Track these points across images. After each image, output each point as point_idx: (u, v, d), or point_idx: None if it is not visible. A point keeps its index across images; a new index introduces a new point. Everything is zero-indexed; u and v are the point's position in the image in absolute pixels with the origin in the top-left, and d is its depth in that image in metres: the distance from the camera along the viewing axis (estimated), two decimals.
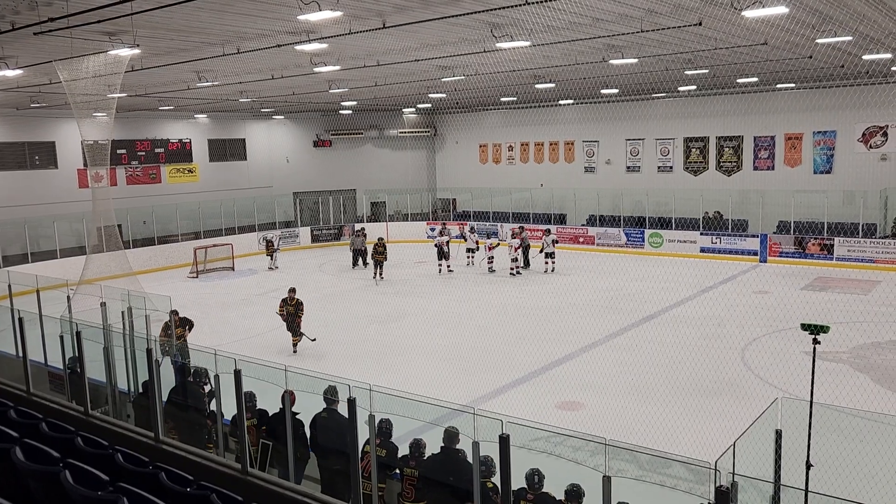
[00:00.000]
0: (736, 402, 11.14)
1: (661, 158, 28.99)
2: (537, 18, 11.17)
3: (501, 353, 14.40)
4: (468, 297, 20.00)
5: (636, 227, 27.23)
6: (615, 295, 19.77)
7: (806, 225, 24.07)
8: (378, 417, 6.71)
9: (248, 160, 33.18)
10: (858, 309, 17.35)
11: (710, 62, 17.91)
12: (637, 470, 6.09)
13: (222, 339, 15.05)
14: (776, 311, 16.75)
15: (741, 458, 5.66)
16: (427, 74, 18.85)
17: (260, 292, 21.93)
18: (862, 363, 13.11)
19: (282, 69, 17.07)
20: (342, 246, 31.26)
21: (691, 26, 12.08)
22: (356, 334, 16.49)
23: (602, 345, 14.96)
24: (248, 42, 13.04)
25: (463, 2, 10.25)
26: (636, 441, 8.21)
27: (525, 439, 6.61)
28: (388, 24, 11.44)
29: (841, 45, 15.05)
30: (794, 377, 11.12)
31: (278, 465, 7.21)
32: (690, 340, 14.88)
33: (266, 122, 33.73)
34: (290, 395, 7.24)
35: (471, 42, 13.80)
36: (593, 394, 12.03)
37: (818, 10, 11.21)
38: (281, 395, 7.08)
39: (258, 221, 30.46)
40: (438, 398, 7.88)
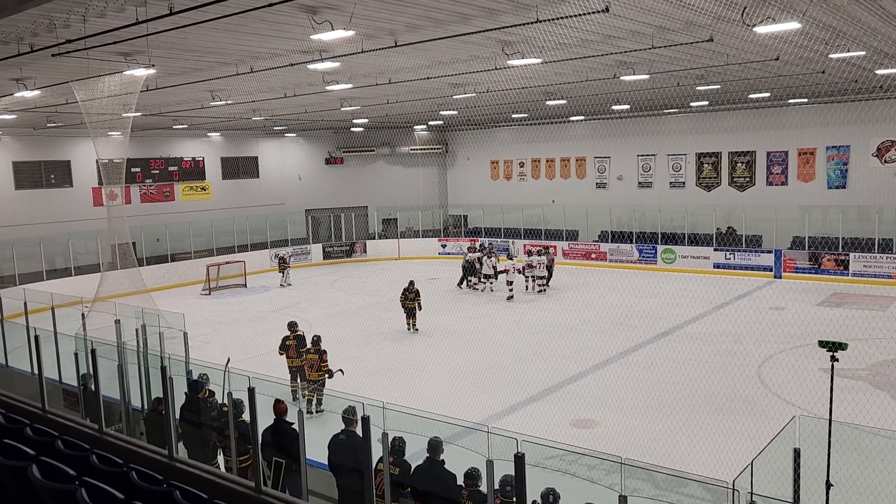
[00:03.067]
0: (753, 420, 11.01)
1: (674, 174, 28.91)
2: (548, 36, 11.21)
3: (515, 371, 14.33)
4: (481, 314, 19.96)
5: (648, 243, 27.11)
6: (628, 311, 19.65)
7: (821, 240, 23.88)
8: (391, 435, 6.69)
9: (261, 178, 33.40)
10: (876, 325, 17.14)
11: (722, 78, 17.89)
12: (653, 489, 6.03)
13: (235, 356, 15.03)
14: (792, 327, 16.59)
15: (759, 477, 5.58)
16: (438, 92, 18.94)
17: (272, 309, 21.97)
18: (881, 380, 12.94)
19: (294, 87, 17.22)
20: (354, 263, 31.34)
21: (703, 42, 12.08)
22: (369, 351, 16.47)
23: (616, 362, 14.85)
24: (262, 61, 13.17)
25: (474, 20, 10.31)
26: (651, 459, 8.17)
27: (539, 457, 6.55)
28: (400, 43, 11.52)
29: (854, 60, 15.00)
30: (812, 394, 11.01)
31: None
32: (706, 357, 14.75)
33: (278, 140, 33.97)
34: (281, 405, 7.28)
35: (482, 59, 13.87)
36: (608, 411, 11.93)
37: (830, 25, 11.19)
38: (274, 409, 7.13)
39: (270, 238, 30.59)
40: (452, 416, 7.85)
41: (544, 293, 22.63)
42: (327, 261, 31.49)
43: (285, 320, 20.18)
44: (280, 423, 7.63)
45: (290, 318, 20.49)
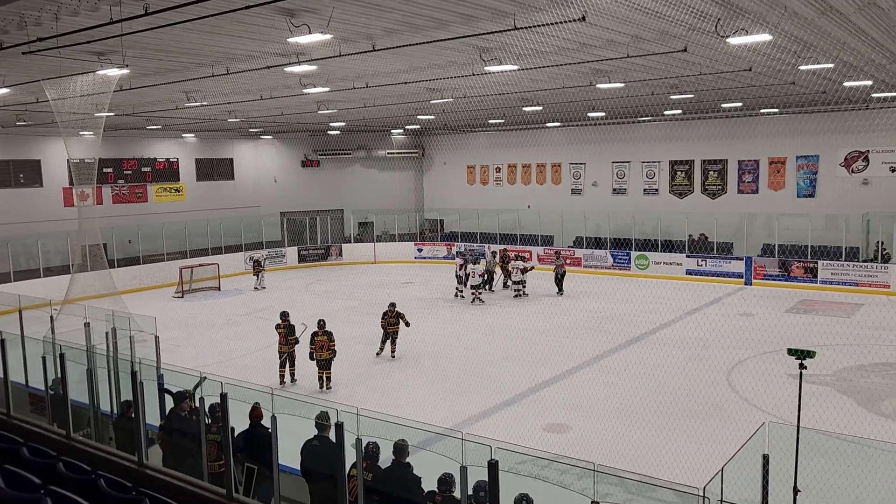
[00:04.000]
0: (722, 426, 11.16)
1: (647, 181, 29.24)
2: (525, 43, 11.29)
3: (488, 375, 14.36)
4: (455, 319, 19.98)
5: (622, 249, 27.37)
6: (602, 317, 19.81)
7: (790, 248, 24.30)
8: (365, 441, 6.68)
9: (236, 180, 33.13)
10: (842, 332, 17.47)
11: (695, 87, 18.15)
12: (624, 494, 6.08)
13: (207, 360, 14.94)
14: (761, 333, 16.85)
15: (729, 482, 5.66)
16: (415, 96, 18.96)
17: (246, 312, 21.79)
18: (846, 386, 13.19)
19: (271, 90, 17.12)
20: (330, 266, 31.19)
21: (677, 52, 12.25)
22: (343, 356, 16.36)
23: (588, 367, 14.97)
24: (238, 63, 13.08)
25: (452, 26, 10.35)
26: (623, 464, 8.23)
27: (512, 462, 6.58)
28: (378, 47, 11.51)
29: (823, 72, 15.31)
30: (780, 400, 11.18)
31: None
32: (676, 363, 14.92)
33: (254, 142, 33.73)
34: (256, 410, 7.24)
35: (459, 65, 13.92)
36: (580, 416, 12.01)
37: (801, 38, 11.42)
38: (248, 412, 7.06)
39: (245, 241, 30.33)
40: (425, 421, 7.85)
41: (521, 298, 22.69)
42: (302, 264, 31.31)
43: (259, 324, 20.09)
44: (255, 427, 7.57)
45: (263, 321, 20.36)
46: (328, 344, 13.60)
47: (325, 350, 13.57)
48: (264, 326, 19.70)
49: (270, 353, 16.89)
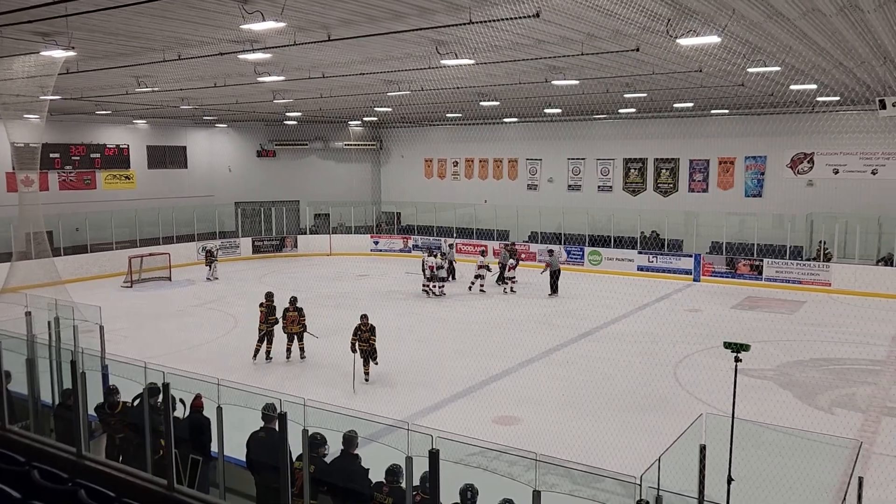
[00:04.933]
0: (667, 418, 11.41)
1: (602, 178, 29.67)
2: (481, 38, 11.35)
3: (440, 368, 14.43)
4: (409, 312, 20.00)
5: (576, 244, 27.73)
6: (553, 311, 20.07)
7: (737, 246, 24.95)
8: (311, 433, 6.66)
9: (189, 168, 32.52)
10: (784, 328, 18.05)
11: (648, 86, 18.46)
12: (570, 484, 6.20)
13: (156, 351, 14.66)
14: (707, 328, 17.28)
15: (669, 472, 5.82)
16: (373, 88, 18.87)
17: (197, 303, 21.45)
18: (785, 380, 13.63)
19: (225, 77, 16.85)
20: (285, 257, 30.88)
21: (630, 51, 12.45)
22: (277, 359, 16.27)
23: (540, 360, 15.15)
24: (190, 49, 12.82)
25: (408, 18, 10.33)
26: (571, 456, 8.37)
27: (461, 454, 6.64)
28: (334, 37, 11.43)
29: (770, 75, 15.74)
30: (723, 393, 11.46)
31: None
32: (625, 357, 15.22)
33: (208, 130, 33.14)
34: (197, 400, 7.17)
35: (416, 58, 13.89)
36: (530, 409, 12.16)
37: (748, 40, 11.71)
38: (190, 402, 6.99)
39: (197, 231, 29.81)
40: (375, 413, 7.87)
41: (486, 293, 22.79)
42: (257, 255, 30.94)
43: (210, 315, 19.82)
44: (195, 415, 7.49)
45: (215, 313, 20.10)
46: (298, 318, 14.94)
47: (296, 324, 14.95)
48: (216, 318, 19.48)
49: (221, 344, 16.72)
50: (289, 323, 14.95)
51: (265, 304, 15.11)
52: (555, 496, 5.74)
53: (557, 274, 22.36)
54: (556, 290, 22.27)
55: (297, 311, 14.98)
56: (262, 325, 15.03)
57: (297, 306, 15.02)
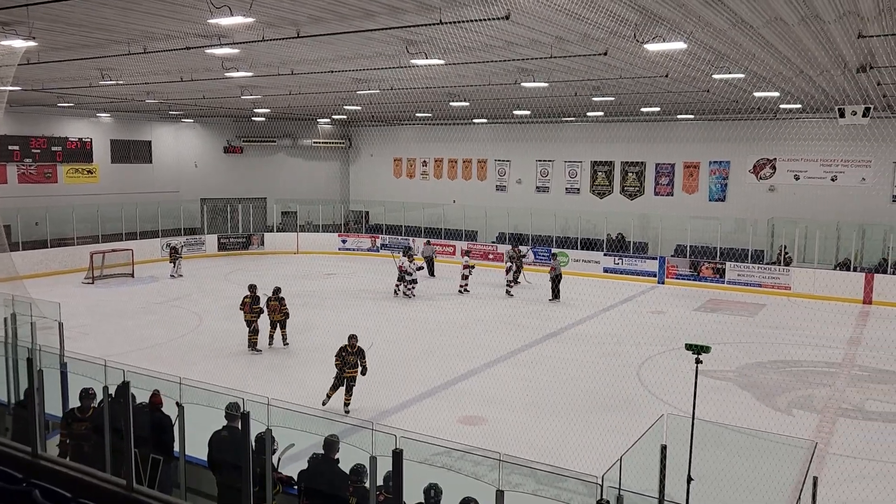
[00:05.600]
0: (630, 418, 11.55)
1: (570, 180, 29.93)
2: (451, 38, 11.37)
3: (407, 368, 14.42)
4: (377, 312, 19.93)
5: (544, 245, 27.92)
6: (520, 312, 20.18)
7: (701, 249, 25.36)
8: (276, 433, 6.61)
9: (154, 163, 31.99)
10: (745, 330, 18.40)
11: (616, 90, 18.66)
12: (534, 484, 6.26)
13: (117, 350, 14.42)
14: (671, 330, 17.53)
15: (631, 471, 5.90)
16: (342, 86, 18.77)
17: (160, 301, 21.12)
18: (745, 381, 13.90)
19: (191, 72, 16.61)
20: (251, 255, 30.57)
21: (598, 55, 12.58)
22: (260, 345, 16.14)
23: (505, 361, 15.23)
24: (156, 42, 12.62)
25: (378, 17, 10.30)
26: (536, 456, 8.44)
27: (426, 454, 6.65)
28: (303, 34, 11.34)
29: (734, 82, 16.04)
30: (685, 394, 11.63)
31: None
32: (590, 357, 15.38)
33: (174, 125, 32.64)
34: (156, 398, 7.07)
35: (386, 57, 13.86)
36: (495, 409, 12.21)
37: (714, 47, 11.91)
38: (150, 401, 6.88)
39: (162, 227, 29.35)
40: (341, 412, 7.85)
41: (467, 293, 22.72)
42: (222, 252, 30.57)
43: (174, 312, 19.54)
44: (154, 414, 7.37)
45: (179, 310, 19.83)
46: (279, 307, 15.72)
47: (278, 313, 15.74)
48: (180, 315, 19.21)
49: (185, 342, 16.50)
50: (271, 312, 15.73)
51: (250, 295, 15.73)
52: (519, 496, 5.78)
53: (559, 279, 21.79)
54: (558, 295, 21.67)
55: (279, 301, 15.72)
56: (249, 315, 15.65)
57: (279, 296, 15.78)
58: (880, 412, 12.42)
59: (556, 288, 21.63)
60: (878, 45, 11.56)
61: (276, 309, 15.77)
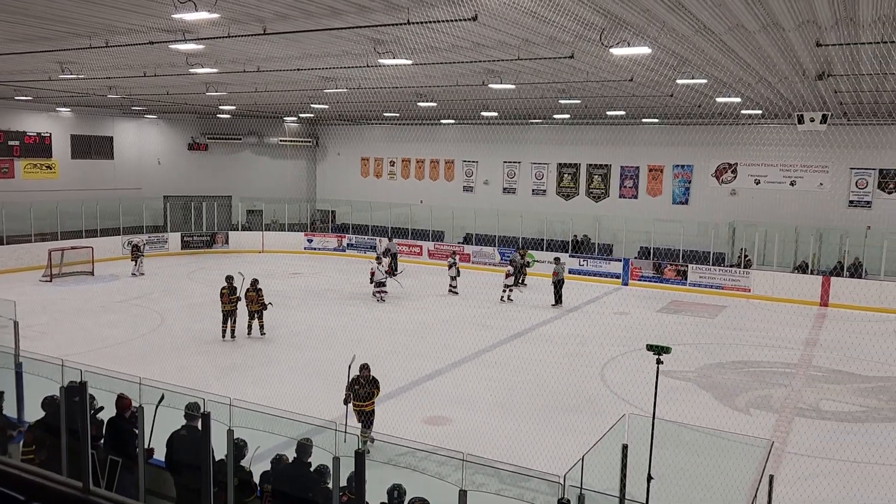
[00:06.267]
0: (594, 418, 11.66)
1: (536, 182, 30.13)
2: (419, 38, 11.37)
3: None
4: (343, 312, 19.84)
5: (510, 246, 28.06)
6: (486, 312, 20.25)
7: (664, 251, 25.72)
8: (238, 433, 6.54)
9: (116, 159, 31.36)
10: (706, 331, 18.73)
11: (582, 93, 18.85)
12: (499, 484, 6.29)
13: (75, 349, 14.12)
14: (634, 331, 17.76)
15: (594, 471, 5.97)
16: (309, 84, 18.65)
17: (121, 299, 20.74)
18: (706, 382, 14.14)
19: (155, 67, 16.35)
20: (215, 254, 30.18)
21: (564, 58, 12.69)
22: (224, 345, 15.96)
23: (471, 361, 15.27)
24: (119, 36, 12.39)
25: (345, 15, 10.26)
26: (500, 455, 8.48)
27: (391, 454, 6.63)
28: (269, 31, 11.24)
29: (697, 87, 16.31)
30: (648, 394, 11.78)
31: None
32: (555, 358, 15.50)
33: (137, 121, 32.06)
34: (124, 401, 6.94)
35: (354, 56, 13.81)
36: (461, 409, 12.24)
37: (678, 53, 12.11)
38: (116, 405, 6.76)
39: (123, 224, 28.78)
40: (306, 413, 7.78)
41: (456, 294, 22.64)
42: (185, 251, 30.12)
43: (135, 311, 19.19)
44: (120, 419, 7.24)
45: (140, 309, 19.50)
46: (256, 298, 16.53)
47: (255, 303, 16.54)
48: (141, 314, 18.88)
49: (146, 341, 16.22)
50: (249, 302, 16.51)
51: (227, 286, 16.50)
52: (482, 496, 5.81)
53: (561, 283, 21.48)
54: (561, 300, 21.36)
55: (257, 292, 16.55)
56: (227, 305, 16.39)
57: (256, 287, 16.61)
58: (835, 412, 12.74)
59: (558, 292, 21.34)
60: (836, 54, 11.88)
61: (254, 299, 16.52)
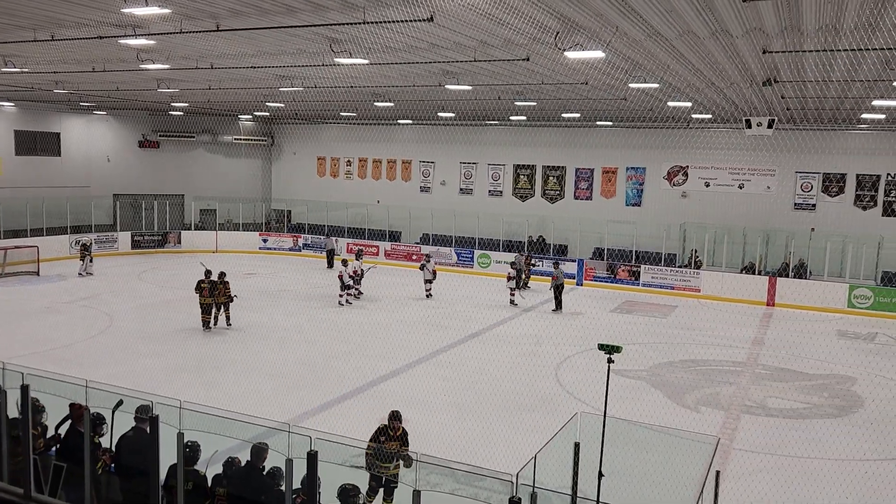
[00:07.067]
0: (548, 417, 11.79)
1: (493, 183, 30.31)
2: (375, 38, 11.33)
3: (328, 369, 14.29)
4: (298, 312, 19.66)
5: (466, 247, 28.17)
6: (443, 313, 20.29)
7: (617, 252, 26.13)
8: (189, 436, 6.42)
9: (63, 156, 30.47)
10: (658, 331, 19.09)
11: (538, 96, 19.04)
12: (454, 484, 6.31)
13: (18, 351, 13.68)
14: (588, 331, 18.00)
15: (547, 469, 6.03)
16: (264, 82, 18.42)
17: (68, 300, 20.17)
18: (657, 380, 14.42)
19: (104, 62, 15.94)
20: (167, 253, 29.59)
21: (520, 60, 12.80)
22: (174, 347, 15.65)
23: (427, 361, 15.28)
24: (65, 30, 12.04)
25: (301, 13, 10.16)
26: (456, 455, 8.50)
27: (346, 455, 6.60)
28: (223, 28, 11.07)
29: (650, 91, 16.63)
30: (601, 393, 11.98)
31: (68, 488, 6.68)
32: (510, 358, 15.61)
33: (85, 117, 31.21)
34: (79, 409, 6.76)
35: (309, 54, 13.70)
36: (417, 410, 12.20)
37: (630, 57, 12.32)
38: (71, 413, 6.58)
39: (71, 223, 27.98)
40: (260, 415, 7.69)
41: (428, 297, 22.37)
42: (136, 250, 29.45)
43: (82, 312, 18.68)
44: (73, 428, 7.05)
45: (88, 310, 19.01)
46: (224, 290, 17.49)
47: (222, 295, 17.42)
48: (89, 316, 18.40)
49: (94, 343, 15.81)
50: (217, 295, 17.42)
51: (206, 281, 17.41)
52: (437, 495, 5.82)
53: (561, 288, 21.17)
54: (561, 305, 21.06)
55: (224, 285, 17.52)
56: (209, 299, 17.28)
57: (224, 280, 17.59)
58: (780, 408, 13.12)
59: (558, 297, 21.11)
60: (782, 61, 12.24)
61: (221, 292, 17.50)
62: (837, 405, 13.41)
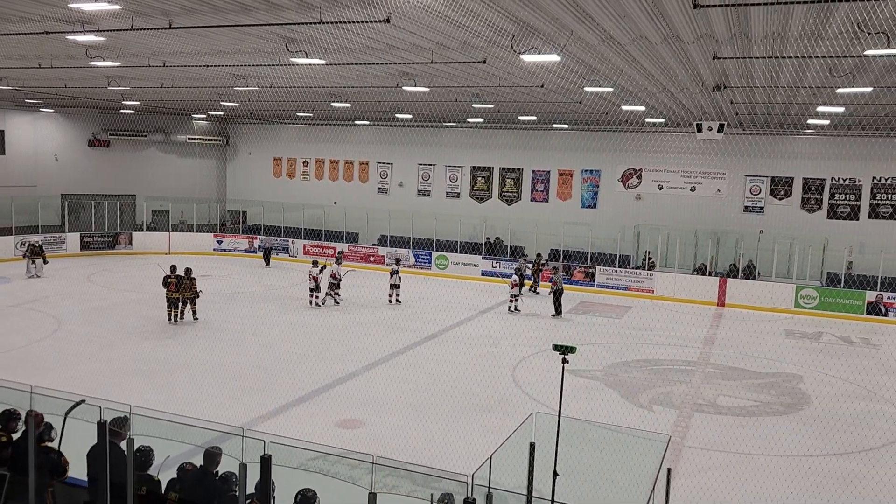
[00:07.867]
0: (505, 417, 11.85)
1: (450, 184, 30.38)
2: (332, 38, 11.27)
3: (284, 372, 14.13)
4: (254, 315, 19.39)
5: (424, 248, 28.17)
6: (400, 314, 20.26)
7: (573, 254, 26.45)
8: (140, 442, 6.29)
9: (7, 155, 29.54)
10: (612, 331, 19.37)
11: (495, 98, 19.16)
12: (411, 486, 6.31)
13: None
14: (544, 332, 18.19)
15: (502, 469, 6.07)
16: (219, 81, 18.14)
17: (14, 303, 19.53)
18: (612, 380, 14.63)
19: (51, 58, 15.51)
20: (117, 255, 28.90)
21: (477, 63, 12.87)
22: (124, 351, 15.29)
23: (384, 363, 15.23)
24: (9, 24, 11.67)
25: (255, 12, 10.04)
26: (413, 457, 8.50)
27: (302, 459, 6.54)
28: (175, 25, 10.88)
29: (604, 95, 16.88)
30: (557, 393, 12.14)
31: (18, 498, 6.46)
32: (467, 359, 15.66)
33: (31, 115, 30.29)
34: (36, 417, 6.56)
35: (265, 54, 13.54)
36: (374, 412, 12.18)
37: (585, 61, 12.49)
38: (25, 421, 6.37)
39: (16, 224, 27.11)
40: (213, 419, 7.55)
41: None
42: (85, 252, 28.67)
43: (29, 316, 18.14)
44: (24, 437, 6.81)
45: (36, 314, 18.48)
46: (190, 286, 18.10)
47: (189, 291, 18.07)
48: (35, 319, 17.85)
49: (40, 347, 15.35)
50: (184, 290, 18.01)
51: (172, 276, 17.92)
52: (394, 498, 5.81)
53: (560, 293, 21.00)
54: (560, 310, 20.81)
55: (191, 280, 18.09)
56: (176, 293, 17.81)
57: (191, 276, 18.14)
58: (731, 406, 13.44)
59: (557, 302, 20.90)
60: (731, 67, 12.56)
61: (188, 287, 18.10)
62: (785, 403, 13.80)
